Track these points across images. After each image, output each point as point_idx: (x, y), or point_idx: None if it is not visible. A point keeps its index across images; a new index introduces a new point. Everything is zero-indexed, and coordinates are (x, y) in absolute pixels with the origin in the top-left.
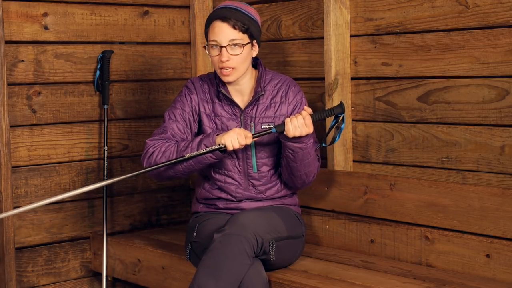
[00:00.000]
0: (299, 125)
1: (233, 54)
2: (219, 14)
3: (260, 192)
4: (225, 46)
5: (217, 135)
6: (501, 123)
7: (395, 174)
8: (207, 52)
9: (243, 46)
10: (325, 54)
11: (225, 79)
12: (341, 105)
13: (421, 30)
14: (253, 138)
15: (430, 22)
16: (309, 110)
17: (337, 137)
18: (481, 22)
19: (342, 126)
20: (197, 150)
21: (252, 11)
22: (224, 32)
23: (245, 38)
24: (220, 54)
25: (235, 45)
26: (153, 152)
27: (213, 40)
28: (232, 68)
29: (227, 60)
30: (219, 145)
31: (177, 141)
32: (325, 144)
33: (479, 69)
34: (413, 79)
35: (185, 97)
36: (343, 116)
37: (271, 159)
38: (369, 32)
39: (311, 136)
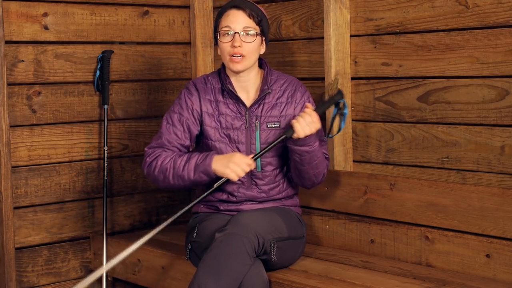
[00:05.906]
0: (308, 123)
1: (245, 41)
2: (234, 3)
3: (262, 191)
4: (239, 32)
5: (214, 155)
6: (501, 123)
7: (395, 174)
8: (219, 40)
9: (256, 36)
10: (325, 54)
11: (235, 66)
12: (339, 92)
13: (421, 30)
14: (267, 149)
15: (430, 22)
16: (311, 106)
17: (342, 124)
18: (481, 22)
19: (345, 111)
20: (194, 173)
21: (263, 10)
22: (239, 19)
23: (257, 29)
24: (232, 40)
25: (248, 32)
26: (150, 163)
27: (227, 26)
28: (243, 56)
29: (239, 46)
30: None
31: (173, 155)
32: (331, 134)
33: (479, 69)
34: (413, 79)
35: (184, 101)
36: (344, 102)
37: (276, 159)
38: (369, 32)
39: (316, 138)
